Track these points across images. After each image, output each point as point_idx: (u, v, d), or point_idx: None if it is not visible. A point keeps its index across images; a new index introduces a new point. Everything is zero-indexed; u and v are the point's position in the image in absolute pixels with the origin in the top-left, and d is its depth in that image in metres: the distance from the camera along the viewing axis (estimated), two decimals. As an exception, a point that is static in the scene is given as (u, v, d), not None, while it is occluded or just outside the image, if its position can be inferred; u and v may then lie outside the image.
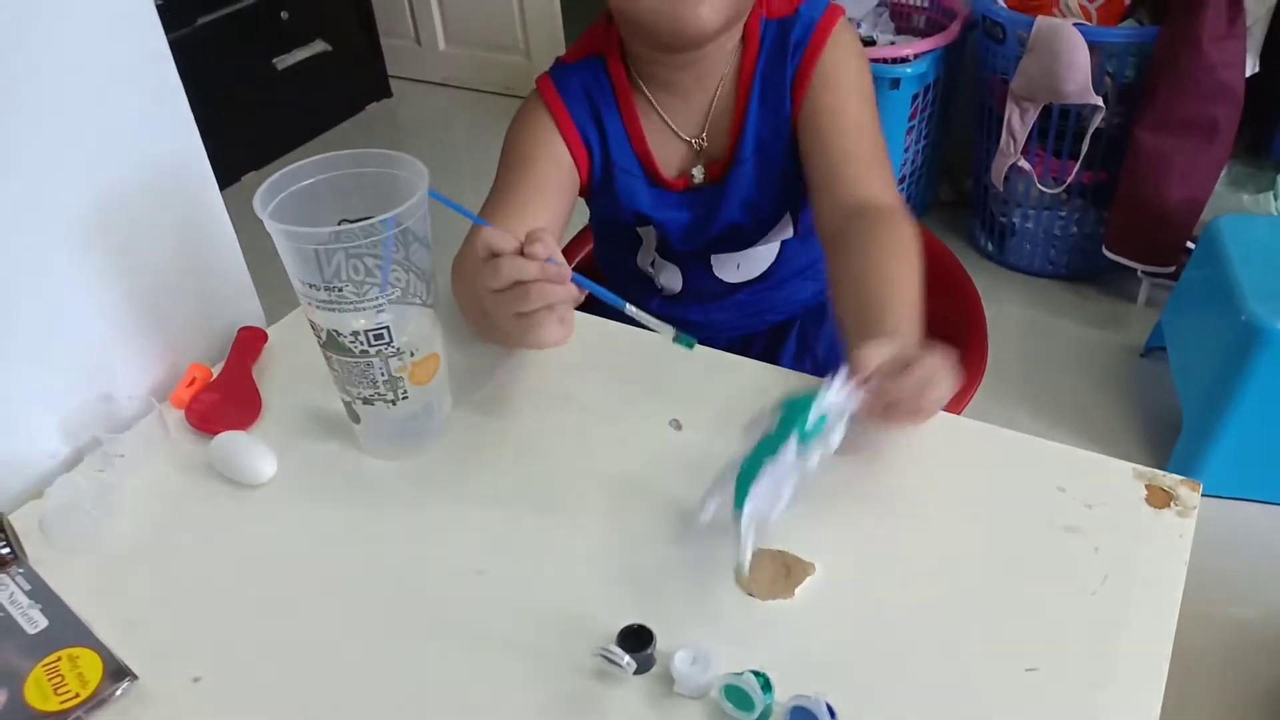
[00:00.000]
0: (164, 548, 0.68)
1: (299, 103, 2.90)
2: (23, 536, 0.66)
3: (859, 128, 0.87)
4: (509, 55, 3.06)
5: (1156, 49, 1.76)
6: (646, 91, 0.91)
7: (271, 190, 0.65)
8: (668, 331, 0.64)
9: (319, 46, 2.90)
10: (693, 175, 0.93)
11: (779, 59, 0.88)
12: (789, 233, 0.98)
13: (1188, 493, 0.64)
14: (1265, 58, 1.75)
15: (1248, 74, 1.74)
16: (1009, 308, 2.09)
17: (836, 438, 0.62)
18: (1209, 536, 1.51)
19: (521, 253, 0.62)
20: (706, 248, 0.98)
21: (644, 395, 0.76)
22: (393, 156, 0.68)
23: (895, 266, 0.77)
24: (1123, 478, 0.66)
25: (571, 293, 0.63)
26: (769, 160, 0.91)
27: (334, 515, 0.69)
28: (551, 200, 0.89)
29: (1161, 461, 1.68)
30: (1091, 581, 0.59)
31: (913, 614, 0.59)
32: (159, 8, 2.55)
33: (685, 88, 0.90)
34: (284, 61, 2.82)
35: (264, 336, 0.84)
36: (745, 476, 0.59)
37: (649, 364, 0.77)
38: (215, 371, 0.81)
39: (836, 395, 0.61)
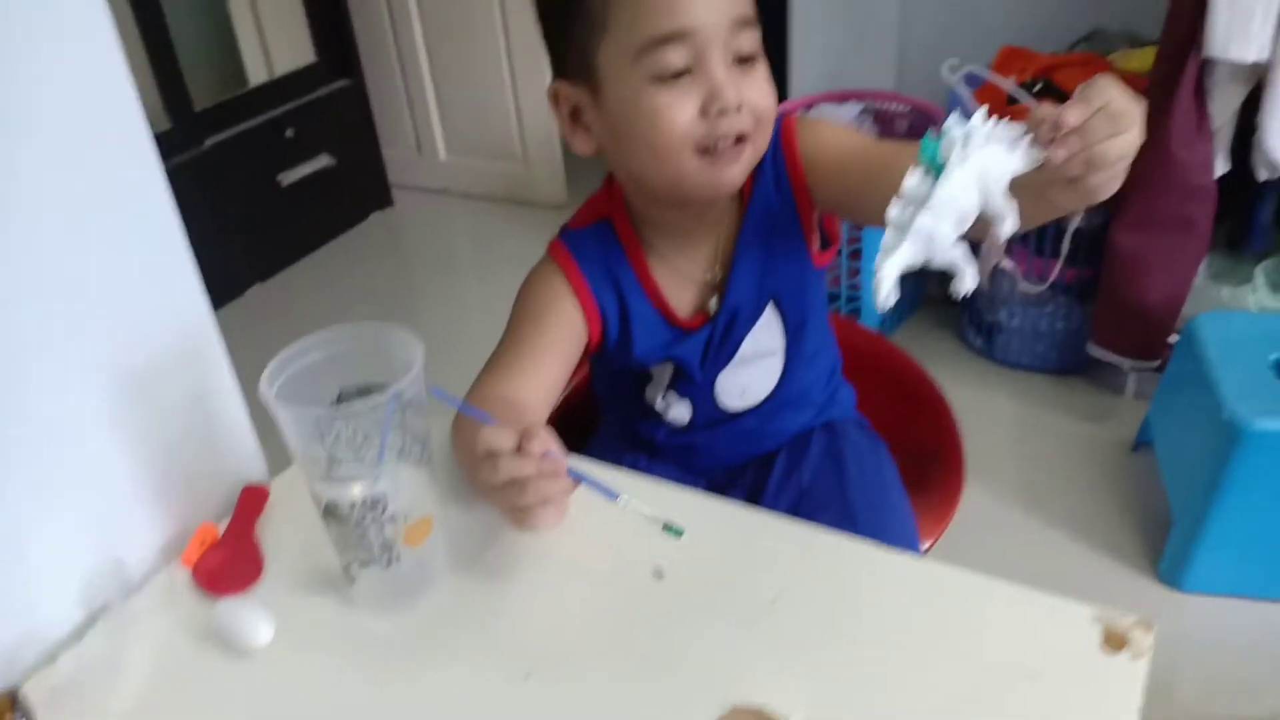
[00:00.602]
0: (171, 715, 0.71)
1: (303, 215, 2.99)
2: (35, 707, 0.70)
3: (868, 141, 0.94)
4: (508, 163, 3.16)
5: (1127, 154, 1.83)
6: (656, 244, 0.97)
7: (277, 370, 0.70)
8: (657, 520, 0.68)
9: (323, 161, 3.00)
10: (709, 307, 0.99)
11: (760, 166, 0.94)
12: (779, 337, 1.02)
13: (1141, 635, 0.67)
14: (1235, 156, 1.81)
15: (1218, 174, 1.80)
16: (1000, 403, 2.13)
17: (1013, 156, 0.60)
18: (1206, 636, 1.55)
19: (519, 448, 0.67)
20: (720, 368, 1.02)
21: (630, 547, 0.79)
22: (388, 329, 0.73)
23: None
24: (1081, 622, 0.68)
25: (567, 485, 0.69)
26: (765, 241, 0.97)
27: (332, 677, 0.72)
28: (560, 360, 0.94)
29: (1155, 557, 1.70)
30: (1052, 730, 0.62)
31: (885, 766, 0.61)
32: (169, 132, 2.67)
33: (696, 233, 0.97)
34: (289, 177, 2.92)
35: (265, 494, 0.88)
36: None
37: (636, 523, 0.80)
38: (220, 529, 0.85)
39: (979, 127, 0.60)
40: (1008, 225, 0.62)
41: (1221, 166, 1.80)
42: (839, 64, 2.36)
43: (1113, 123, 0.63)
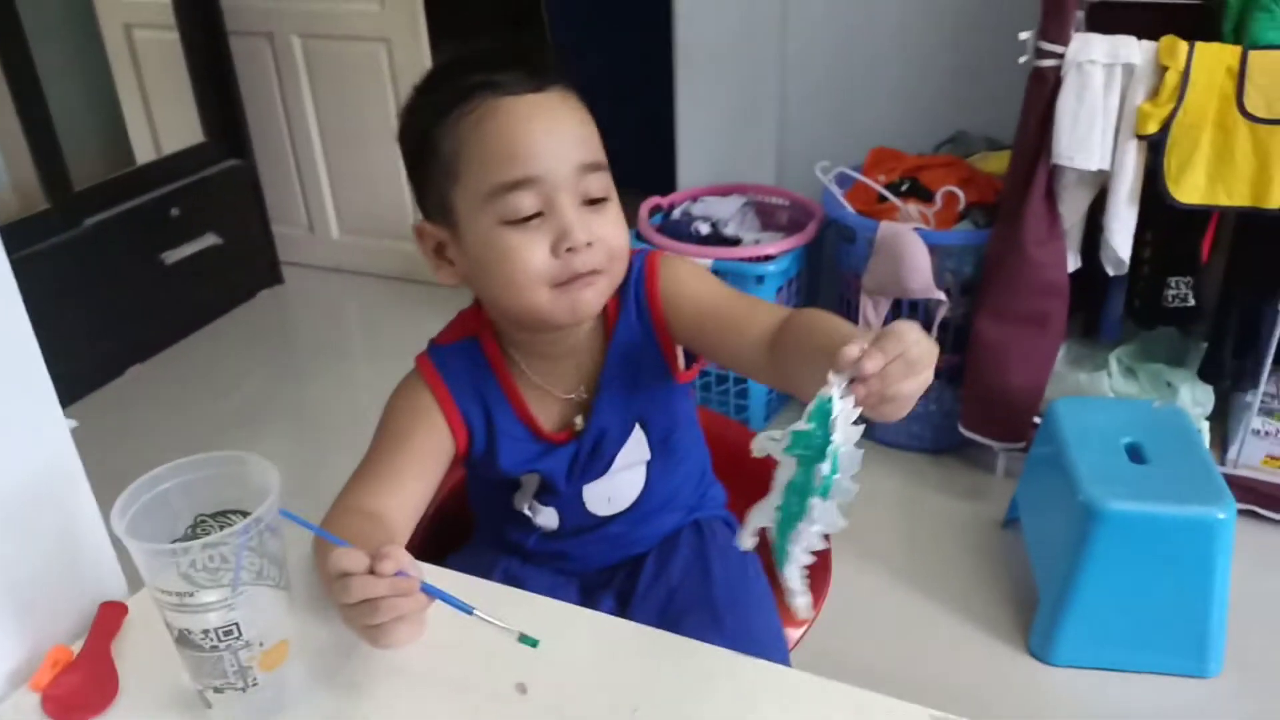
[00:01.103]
0: None
1: (188, 294, 2.94)
2: None
3: (723, 295, 0.99)
4: (401, 243, 3.17)
5: (987, 251, 1.95)
6: (522, 364, 1.00)
7: (129, 500, 0.70)
8: (513, 633, 0.70)
9: (209, 240, 2.96)
10: (574, 424, 1.01)
11: (626, 308, 0.99)
12: (645, 451, 1.05)
13: (977, 742, 0.71)
14: (1086, 253, 1.94)
15: (1070, 270, 1.92)
16: (879, 480, 2.21)
17: (852, 462, 0.67)
18: (1076, 708, 1.61)
19: (371, 570, 0.68)
20: (587, 482, 1.05)
21: (491, 662, 0.80)
22: (244, 457, 0.73)
23: (829, 319, 0.86)
24: (919, 724, 0.72)
25: (420, 603, 0.71)
26: (627, 380, 1.01)
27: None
28: (427, 473, 0.96)
29: (1026, 631, 1.77)
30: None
31: None
32: (46, 212, 2.62)
33: (560, 356, 1.00)
34: (172, 256, 2.86)
35: (124, 610, 0.87)
36: (782, 534, 0.68)
37: (498, 633, 0.81)
38: (76, 649, 0.83)
39: (841, 409, 0.66)
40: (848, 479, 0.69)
41: (1074, 263, 1.93)
42: (723, 159, 2.46)
43: (907, 368, 0.69)
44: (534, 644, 0.73)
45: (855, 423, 0.68)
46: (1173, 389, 2.01)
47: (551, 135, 0.86)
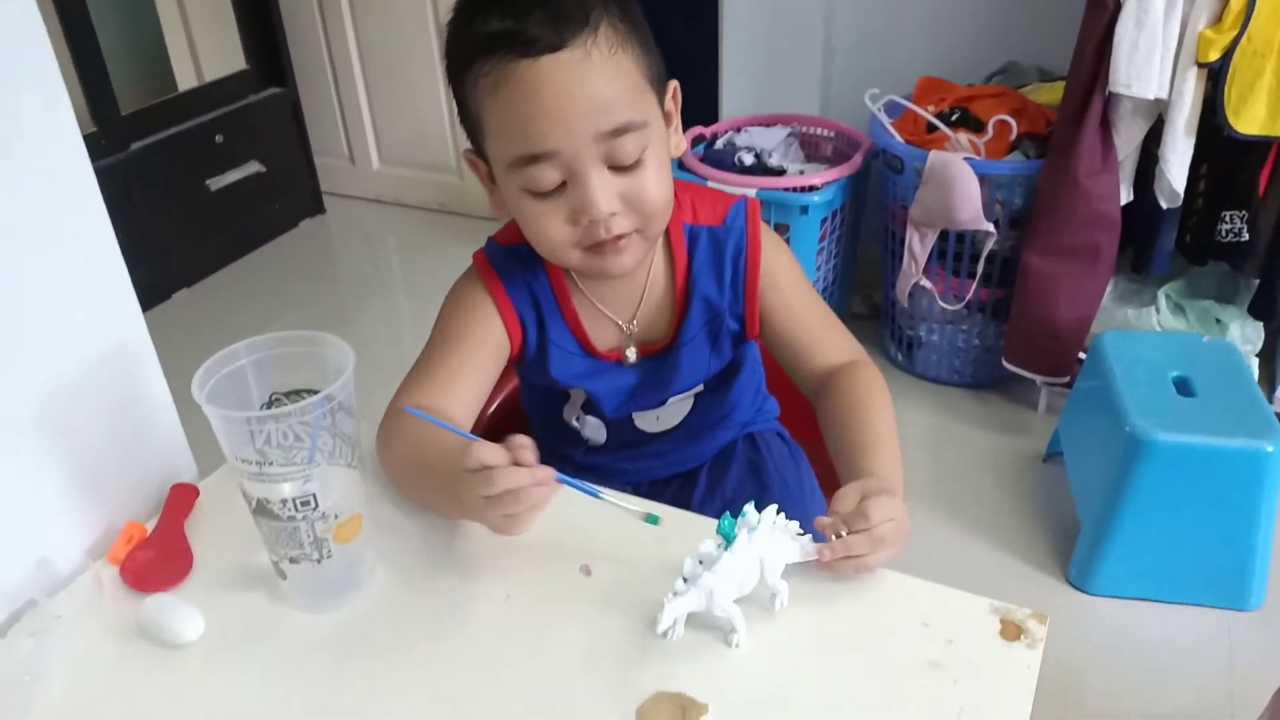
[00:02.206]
0: (97, 713, 0.71)
1: (232, 221, 2.97)
2: (-40, 702, 0.70)
3: (808, 311, 1.01)
4: (441, 174, 3.17)
5: (1039, 181, 1.92)
6: (578, 280, 0.99)
7: (208, 373, 0.72)
8: (638, 513, 0.73)
9: (253, 167, 2.98)
10: (626, 355, 1.01)
11: (717, 264, 0.98)
12: (700, 386, 1.06)
13: (1036, 625, 0.72)
14: (1138, 186, 1.91)
15: (1123, 202, 1.89)
16: (919, 414, 2.21)
17: (782, 588, 0.74)
18: (1113, 637, 1.62)
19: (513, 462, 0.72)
20: (636, 410, 1.06)
21: (557, 546, 0.82)
22: (319, 337, 0.74)
23: (869, 412, 0.92)
24: (979, 612, 0.73)
25: (553, 492, 0.73)
26: (708, 340, 1.01)
27: (261, 672, 0.73)
28: (481, 374, 0.96)
29: (1064, 563, 1.77)
30: (950, 713, 0.66)
31: (795, 750, 0.65)
32: (94, 135, 2.65)
33: (613, 282, 0.98)
34: (217, 183, 2.89)
35: (195, 492, 0.89)
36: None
37: (562, 517, 0.82)
38: (150, 528, 0.85)
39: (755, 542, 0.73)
40: (780, 599, 0.75)
41: (1126, 195, 1.90)
42: (768, 89, 2.43)
43: (872, 544, 0.76)
44: (656, 521, 0.77)
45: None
46: (1222, 325, 1.99)
47: (568, 106, 0.79)
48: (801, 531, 0.77)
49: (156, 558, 0.82)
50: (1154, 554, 1.67)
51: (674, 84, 0.91)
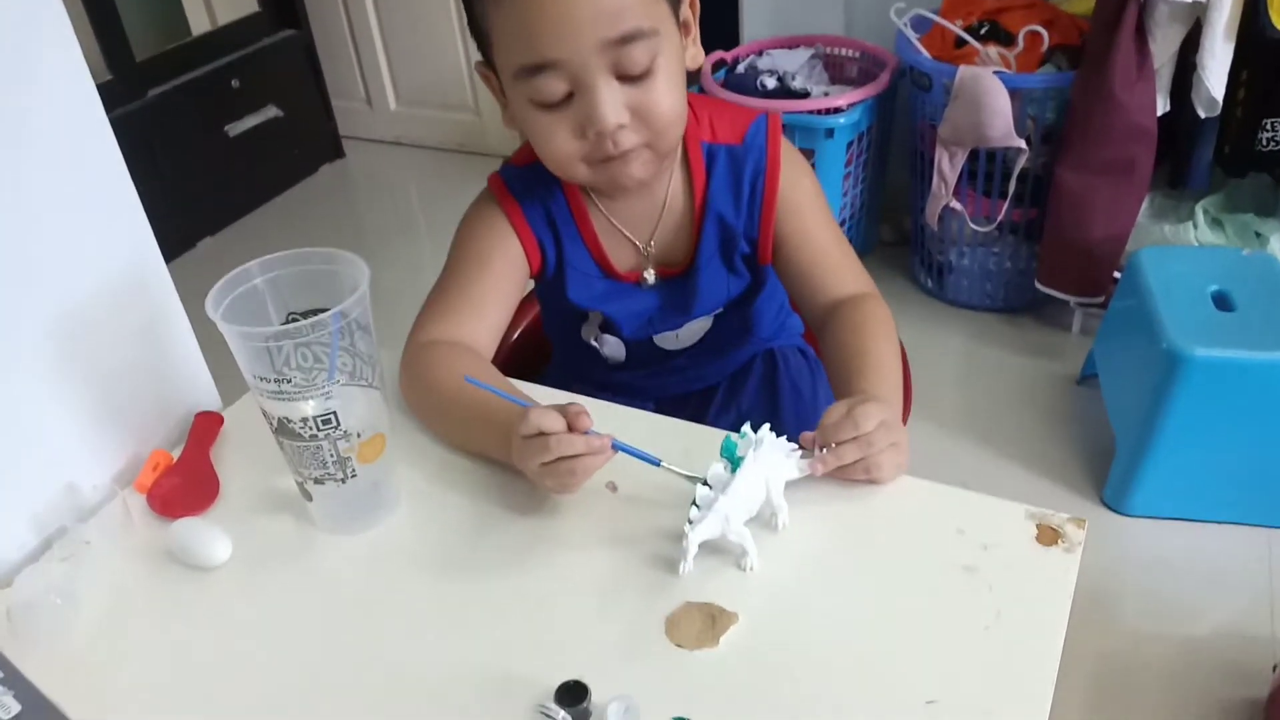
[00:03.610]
0: (129, 633, 0.72)
1: (252, 168, 2.95)
2: (-8, 626, 0.70)
3: (823, 238, 0.98)
4: (460, 114, 3.13)
5: (1072, 94, 1.86)
6: (594, 196, 0.97)
7: (223, 291, 0.71)
8: (697, 479, 0.72)
9: (271, 112, 2.96)
10: (644, 277, 0.99)
11: (734, 186, 0.96)
12: (719, 308, 1.05)
13: (1074, 530, 0.70)
14: (1175, 96, 1.85)
15: (1159, 114, 1.83)
16: (951, 340, 2.18)
17: (780, 500, 0.73)
18: (1150, 557, 1.60)
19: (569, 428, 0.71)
20: (655, 332, 1.04)
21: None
22: (334, 254, 0.73)
23: (869, 340, 0.89)
24: (1015, 518, 0.71)
25: (608, 458, 0.72)
26: (724, 264, 0.99)
27: (290, 594, 0.73)
28: (505, 296, 0.95)
29: (1100, 485, 1.75)
30: (986, 617, 0.65)
31: (827, 656, 0.64)
32: (110, 83, 2.63)
33: (630, 200, 0.96)
34: (236, 128, 2.87)
35: (220, 420, 0.89)
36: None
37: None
38: (175, 455, 0.85)
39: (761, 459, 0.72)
40: (781, 518, 0.73)
41: (1163, 105, 1.84)
42: (789, 9, 2.36)
43: (861, 450, 0.74)
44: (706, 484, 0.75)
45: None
46: (1262, 239, 1.93)
47: (573, 12, 0.76)
48: (794, 448, 0.75)
49: (183, 483, 0.82)
50: (1192, 472, 1.64)
51: None
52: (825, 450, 0.74)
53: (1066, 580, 0.66)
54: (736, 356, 1.11)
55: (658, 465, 0.74)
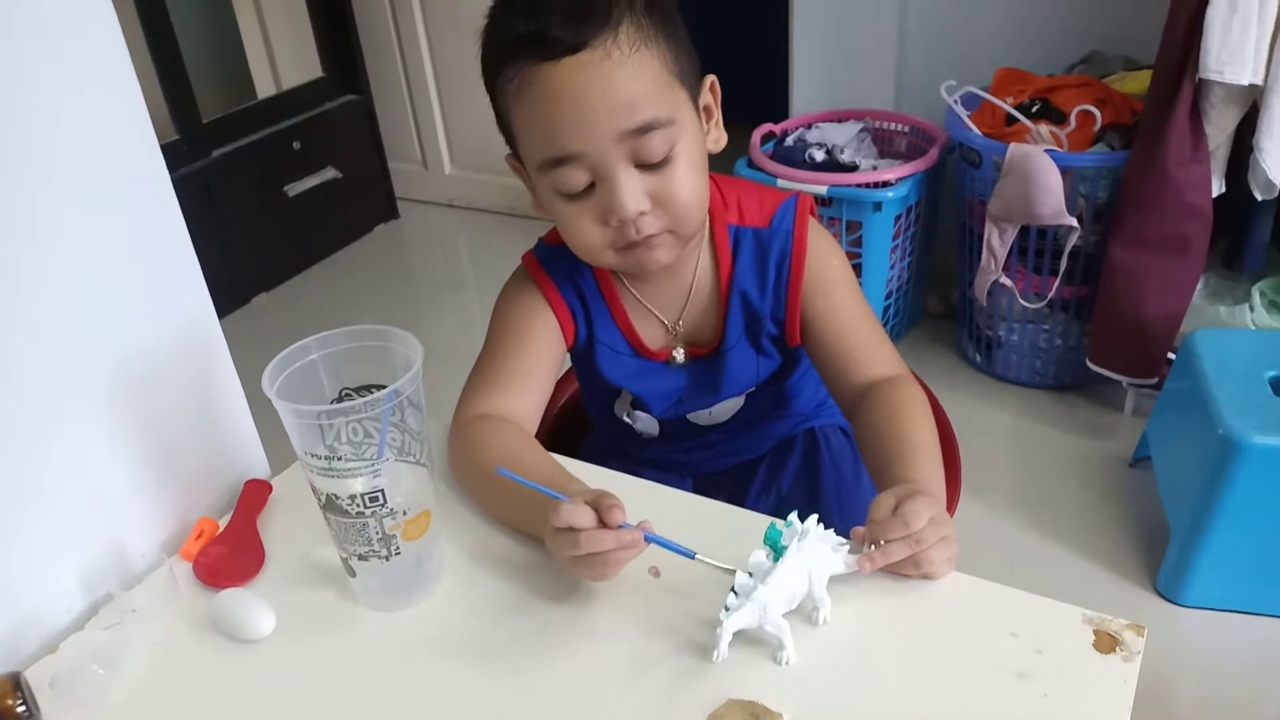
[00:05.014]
0: (169, 705, 0.72)
1: (309, 226, 3.02)
2: (36, 692, 0.70)
3: (854, 320, 0.97)
4: (511, 178, 3.14)
5: (1126, 172, 1.85)
6: (623, 279, 0.98)
7: (279, 367, 0.72)
8: (733, 571, 0.71)
9: (330, 174, 3.03)
10: (674, 356, 1.00)
11: (759, 268, 0.96)
12: (751, 387, 1.05)
13: (1133, 637, 0.68)
14: (1231, 176, 1.83)
15: (1214, 194, 1.81)
16: (999, 418, 2.14)
17: (824, 596, 0.72)
18: (1207, 650, 1.55)
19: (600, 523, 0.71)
20: (682, 412, 1.04)
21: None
22: (389, 331, 0.74)
23: (906, 424, 0.88)
24: (1072, 622, 0.69)
25: (640, 551, 0.72)
26: (751, 345, 0.99)
27: (332, 669, 0.73)
28: (547, 370, 0.97)
29: (1153, 572, 1.70)
30: (1040, 727, 0.63)
31: (874, 760, 0.62)
32: (176, 142, 2.71)
33: (659, 281, 0.98)
34: (295, 189, 2.94)
35: (269, 488, 0.90)
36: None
37: (632, 518, 0.81)
38: (222, 524, 0.86)
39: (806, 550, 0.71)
40: (823, 612, 0.72)
41: (1218, 187, 1.82)
42: (839, 83, 2.38)
43: (910, 548, 0.72)
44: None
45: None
46: (1322, 324, 1.89)
47: (589, 107, 0.79)
48: (842, 542, 0.74)
49: (230, 553, 0.83)
50: (1249, 563, 1.59)
51: (711, 78, 0.90)
52: (873, 547, 0.73)
53: (1125, 692, 0.64)
54: (773, 432, 1.11)
55: (693, 558, 0.73)
